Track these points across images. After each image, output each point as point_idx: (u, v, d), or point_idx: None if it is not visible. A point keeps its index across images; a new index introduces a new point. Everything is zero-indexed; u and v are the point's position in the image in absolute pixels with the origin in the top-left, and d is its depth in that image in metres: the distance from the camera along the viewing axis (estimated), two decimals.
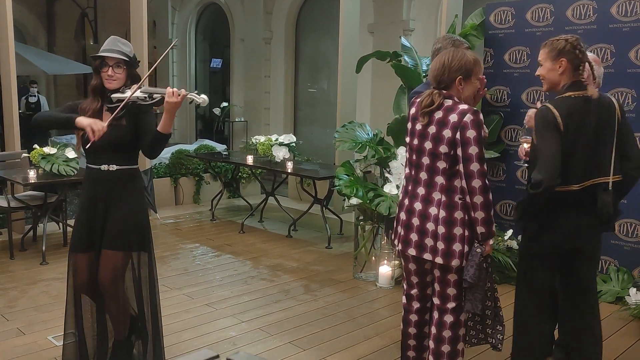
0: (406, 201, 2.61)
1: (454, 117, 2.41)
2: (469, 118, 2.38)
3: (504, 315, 2.68)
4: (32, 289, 4.32)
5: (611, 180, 2.62)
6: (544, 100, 4.61)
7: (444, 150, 2.43)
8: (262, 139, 6.43)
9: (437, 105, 2.46)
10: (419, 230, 2.54)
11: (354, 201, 4.49)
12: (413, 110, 2.59)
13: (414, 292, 2.74)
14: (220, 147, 8.18)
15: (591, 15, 4.42)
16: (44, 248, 4.95)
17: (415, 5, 7.81)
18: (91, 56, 2.81)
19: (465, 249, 2.47)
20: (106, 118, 2.74)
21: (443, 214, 2.46)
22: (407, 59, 4.86)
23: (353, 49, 6.38)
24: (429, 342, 2.67)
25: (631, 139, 2.71)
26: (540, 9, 4.70)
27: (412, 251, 2.57)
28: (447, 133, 2.42)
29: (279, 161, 6.15)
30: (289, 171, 6.01)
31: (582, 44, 2.62)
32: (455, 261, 2.47)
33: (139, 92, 2.69)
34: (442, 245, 2.47)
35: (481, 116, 2.44)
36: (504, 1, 4.99)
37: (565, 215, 2.60)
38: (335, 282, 4.63)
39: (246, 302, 4.15)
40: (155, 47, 12.23)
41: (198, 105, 2.67)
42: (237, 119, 10.82)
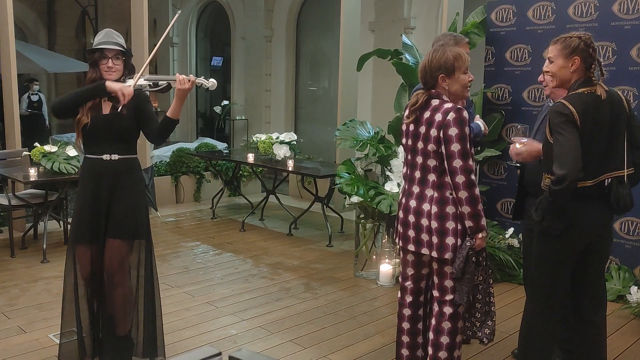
0: (403, 200, 2.72)
1: (439, 117, 2.52)
2: (451, 116, 2.49)
3: (505, 313, 2.68)
4: (32, 287, 4.32)
5: (626, 173, 2.62)
6: (545, 99, 4.60)
7: (432, 148, 2.54)
8: (263, 137, 6.42)
9: (420, 104, 2.58)
10: (415, 226, 2.64)
11: (354, 199, 4.49)
12: (407, 112, 2.68)
13: (408, 284, 2.80)
14: (221, 145, 8.16)
15: (593, 13, 4.41)
16: (44, 246, 4.96)
17: (416, 3, 7.81)
18: (89, 50, 2.87)
19: (459, 242, 2.55)
20: (106, 108, 2.82)
21: (435, 210, 2.57)
22: (408, 57, 4.86)
23: (354, 46, 6.37)
24: (429, 333, 2.72)
25: (639, 130, 2.70)
26: (541, 7, 4.69)
27: (412, 247, 2.68)
28: (433, 132, 2.53)
29: (280, 159, 6.15)
30: (290, 169, 6.02)
31: (594, 41, 2.61)
32: (449, 254, 2.56)
33: (142, 81, 2.77)
34: (436, 240, 2.57)
35: (465, 114, 2.51)
36: None
37: (582, 210, 2.58)
38: (336, 281, 4.63)
39: (247, 300, 4.15)
40: (156, 45, 12.22)
41: (207, 89, 2.75)
42: (237, 117, 10.81)
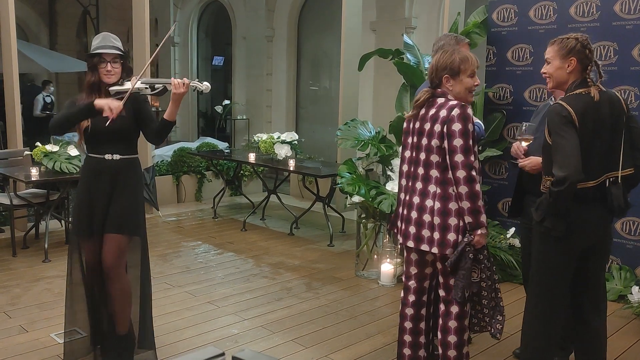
0: (407, 197, 2.71)
1: (443, 113, 2.55)
2: (456, 112, 2.52)
3: (506, 313, 2.68)
4: (34, 286, 4.33)
5: (620, 174, 2.61)
6: (546, 99, 4.59)
7: (435, 144, 2.57)
8: (264, 136, 6.42)
9: (422, 101, 2.62)
10: (416, 222, 2.64)
11: (356, 199, 4.49)
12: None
13: (411, 283, 2.80)
14: (222, 144, 8.16)
15: (594, 12, 4.40)
16: (46, 245, 4.96)
17: (417, 2, 7.80)
18: (88, 54, 2.96)
19: (460, 238, 2.55)
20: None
21: (438, 205, 2.57)
22: (409, 56, 4.85)
23: (355, 46, 6.37)
24: (437, 332, 2.73)
25: (638, 130, 2.70)
26: (543, 7, 4.68)
27: (411, 243, 2.67)
28: (437, 127, 2.56)
29: (281, 159, 6.15)
30: (291, 169, 6.02)
31: (591, 43, 2.61)
32: (450, 250, 2.56)
33: (139, 84, 2.83)
34: (438, 235, 2.58)
35: (469, 110, 2.54)
36: None
37: (583, 212, 2.58)
38: (337, 280, 4.63)
39: (248, 300, 4.16)
40: (157, 45, 12.23)
41: (201, 92, 2.81)
42: (239, 117, 10.81)
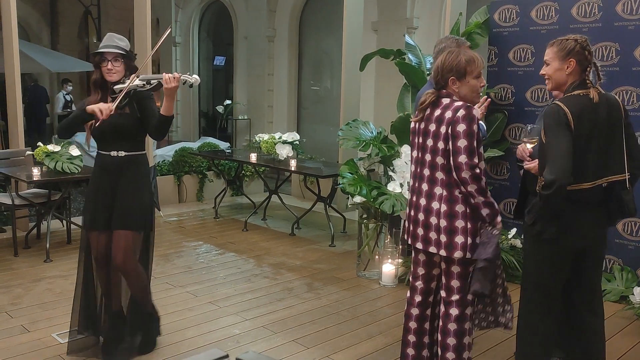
0: (414, 198, 2.72)
1: (449, 114, 2.54)
2: (461, 113, 2.50)
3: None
4: (36, 286, 4.33)
5: (627, 178, 2.61)
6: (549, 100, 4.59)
7: (441, 146, 2.56)
8: (266, 136, 6.43)
9: (428, 103, 2.60)
10: (423, 224, 2.64)
11: (357, 199, 4.49)
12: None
13: (418, 284, 2.80)
14: (223, 145, 8.16)
15: (596, 13, 4.40)
16: (47, 245, 4.97)
17: (419, 3, 7.80)
18: (91, 53, 3.10)
19: (468, 241, 2.54)
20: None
21: (444, 208, 2.56)
22: (411, 57, 4.85)
23: (357, 47, 6.36)
24: (437, 334, 2.72)
25: (634, 137, 2.72)
26: (545, 7, 4.68)
27: (420, 245, 2.68)
28: (442, 129, 2.55)
29: (283, 159, 6.15)
30: (293, 169, 6.02)
31: (590, 44, 2.61)
32: (458, 253, 2.55)
33: (137, 81, 2.94)
34: (445, 238, 2.57)
35: (474, 111, 2.52)
36: None
37: (578, 215, 2.58)
38: (339, 281, 4.63)
39: (250, 300, 4.16)
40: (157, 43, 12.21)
41: (191, 85, 2.89)
42: (240, 117, 10.81)
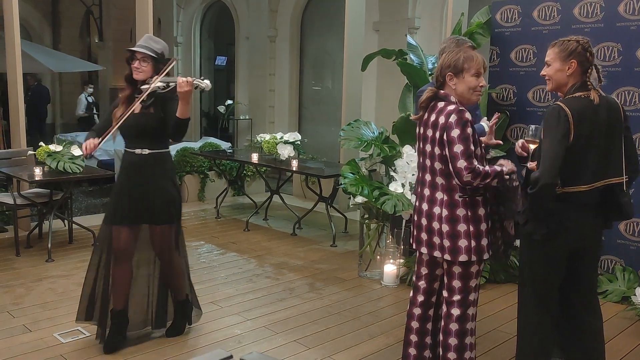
0: (417, 203, 2.74)
1: (442, 119, 2.53)
2: (453, 118, 2.49)
3: (510, 314, 2.68)
4: (38, 286, 4.33)
5: (625, 180, 2.62)
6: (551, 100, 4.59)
7: (437, 151, 2.56)
8: (267, 137, 6.43)
9: (426, 100, 2.60)
10: (427, 229, 2.65)
11: (359, 199, 4.48)
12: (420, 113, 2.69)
13: (421, 284, 2.80)
14: (225, 144, 8.17)
15: (598, 13, 4.40)
16: (49, 245, 4.97)
17: (420, 3, 7.79)
18: (125, 50, 3.23)
19: (472, 244, 2.55)
20: (137, 107, 3.17)
21: (445, 213, 2.57)
22: (412, 57, 4.85)
23: (358, 47, 6.37)
24: (440, 335, 2.72)
25: (631, 140, 2.73)
26: (547, 7, 4.68)
27: (424, 249, 2.69)
28: (437, 135, 2.54)
29: (284, 159, 6.15)
30: (294, 169, 6.02)
31: (592, 46, 2.61)
32: (463, 257, 2.56)
33: (158, 82, 3.06)
34: (448, 243, 2.57)
35: (467, 115, 2.51)
36: None
37: (573, 216, 2.59)
38: (340, 281, 4.63)
39: (251, 300, 4.16)
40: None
41: (202, 89, 2.96)
42: (241, 117, 10.81)
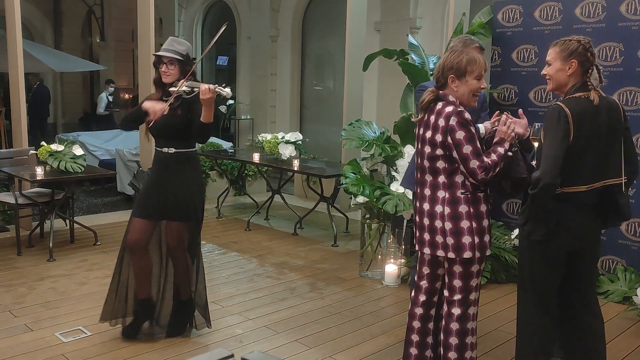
0: (417, 203, 2.73)
1: (441, 122, 2.53)
2: (454, 121, 2.50)
3: (511, 314, 2.68)
4: (39, 285, 4.34)
5: (623, 181, 2.62)
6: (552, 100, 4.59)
7: (439, 152, 2.57)
8: (269, 136, 6.43)
9: (427, 101, 2.60)
10: (429, 229, 2.64)
11: (360, 199, 4.49)
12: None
13: (423, 283, 2.80)
14: (226, 144, 8.16)
15: (600, 13, 4.39)
16: (51, 245, 4.97)
17: (422, 3, 7.79)
18: (152, 54, 3.39)
19: (476, 240, 2.55)
20: (167, 108, 3.28)
21: (448, 210, 2.57)
22: (414, 57, 4.85)
23: (359, 46, 6.37)
24: (440, 334, 2.72)
25: (631, 142, 2.73)
26: (548, 7, 4.67)
27: (427, 250, 2.68)
28: (438, 137, 2.55)
29: (285, 159, 6.15)
30: (295, 169, 6.02)
31: (593, 46, 2.61)
32: (467, 253, 2.56)
33: (185, 87, 3.17)
34: (452, 240, 2.57)
35: (466, 115, 2.52)
36: None
37: (572, 216, 2.59)
38: (341, 281, 4.63)
39: (252, 300, 4.16)
40: (162, 45, 12.23)
41: (223, 97, 3.05)
42: (243, 117, 10.82)
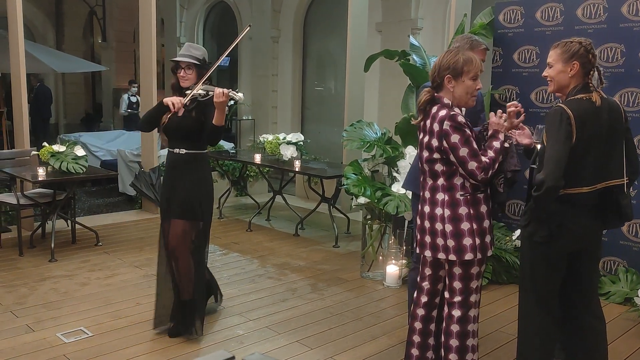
0: (419, 206, 2.74)
1: (436, 126, 2.54)
2: (447, 125, 2.50)
3: (511, 315, 2.68)
4: (41, 286, 4.34)
5: (625, 182, 2.62)
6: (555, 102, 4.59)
7: (437, 156, 2.58)
8: (270, 137, 6.43)
9: (423, 102, 2.61)
10: (430, 231, 2.64)
11: (361, 200, 4.49)
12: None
13: (425, 284, 2.80)
14: (227, 145, 8.17)
15: (601, 14, 4.39)
16: (52, 245, 4.98)
17: (423, 4, 7.78)
18: (170, 60, 3.49)
19: (477, 241, 2.55)
20: (180, 110, 3.35)
21: (448, 213, 2.57)
22: (415, 57, 4.84)
23: (361, 47, 6.37)
24: (442, 335, 2.72)
25: (632, 143, 2.72)
26: (550, 8, 4.67)
27: (428, 253, 2.68)
28: (434, 142, 2.56)
29: (287, 160, 6.16)
30: (297, 170, 6.02)
31: (594, 48, 2.61)
32: (468, 255, 2.56)
33: (200, 90, 3.27)
34: (453, 243, 2.57)
35: (460, 117, 2.52)
36: (513, 0, 4.96)
37: (575, 218, 2.59)
38: (342, 281, 4.63)
39: (253, 301, 4.16)
40: (163, 46, 12.24)
41: (236, 101, 3.13)
42: (244, 117, 10.83)
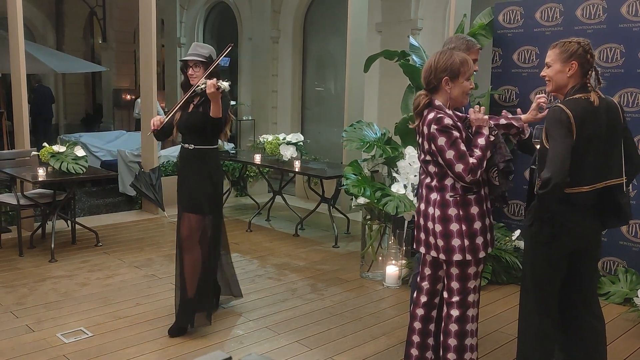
0: (418, 204, 2.78)
1: (425, 129, 2.58)
2: (433, 128, 2.53)
3: (511, 315, 2.68)
4: (41, 286, 4.35)
5: (624, 181, 2.62)
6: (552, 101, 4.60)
7: (428, 158, 2.63)
8: (270, 137, 6.44)
9: (421, 107, 2.61)
10: (424, 229, 2.69)
11: (361, 200, 4.49)
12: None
13: (424, 284, 2.82)
14: (227, 145, 8.16)
15: (601, 15, 4.39)
16: (52, 245, 4.98)
17: (423, 4, 7.79)
18: (180, 60, 3.63)
19: (466, 242, 2.57)
20: (190, 107, 3.48)
21: (438, 213, 2.60)
22: (415, 58, 4.84)
23: (361, 48, 6.37)
24: (440, 335, 2.73)
25: (631, 142, 2.73)
26: (549, 9, 4.68)
27: (422, 249, 2.71)
28: (425, 144, 2.60)
29: (287, 160, 6.16)
30: (297, 170, 6.02)
31: (592, 48, 2.62)
32: (457, 256, 2.58)
33: (200, 84, 3.34)
34: (442, 242, 2.60)
35: (446, 120, 2.52)
36: (513, 1, 4.96)
37: (575, 217, 2.60)
38: (342, 282, 4.63)
39: (253, 301, 4.16)
40: (164, 46, 12.25)
41: (222, 90, 3.19)
42: (244, 118, 10.83)
